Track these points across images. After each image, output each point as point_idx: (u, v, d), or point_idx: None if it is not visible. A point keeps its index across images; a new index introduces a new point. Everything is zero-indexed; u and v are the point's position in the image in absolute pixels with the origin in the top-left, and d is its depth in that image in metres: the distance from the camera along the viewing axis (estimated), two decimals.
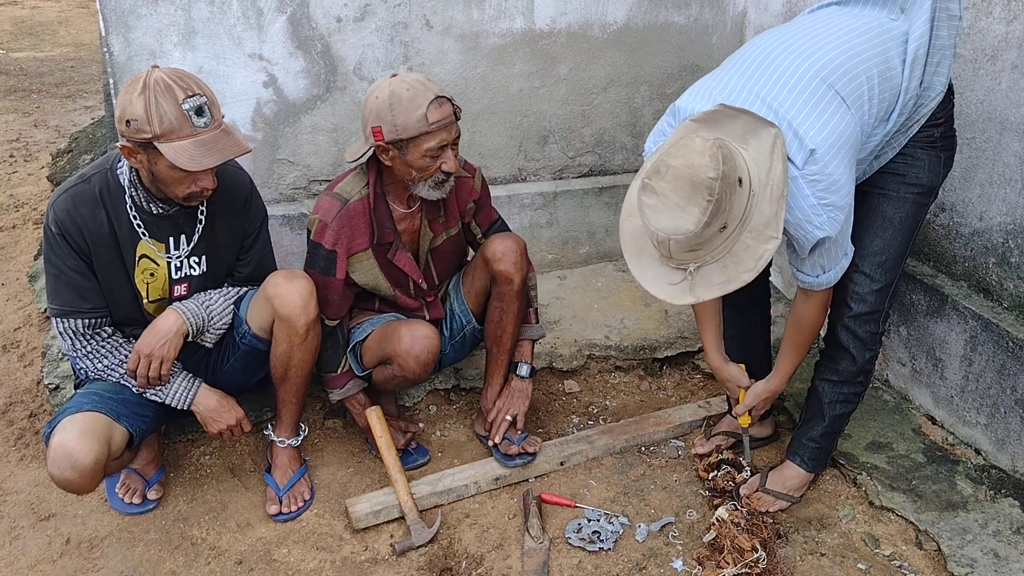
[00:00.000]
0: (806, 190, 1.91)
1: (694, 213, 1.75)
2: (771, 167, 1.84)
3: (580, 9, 3.26)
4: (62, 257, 2.17)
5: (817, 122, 1.91)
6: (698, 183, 1.74)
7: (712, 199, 1.74)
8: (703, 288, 1.89)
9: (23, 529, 2.40)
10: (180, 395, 2.32)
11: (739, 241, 1.85)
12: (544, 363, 3.08)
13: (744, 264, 1.86)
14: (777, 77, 1.96)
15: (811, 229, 1.95)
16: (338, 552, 2.36)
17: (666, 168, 1.78)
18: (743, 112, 1.89)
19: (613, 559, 2.33)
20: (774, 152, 1.85)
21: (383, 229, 2.45)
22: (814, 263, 2.08)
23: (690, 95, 2.09)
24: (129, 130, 2.00)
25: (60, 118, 6.25)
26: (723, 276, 1.87)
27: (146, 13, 2.71)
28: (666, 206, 1.78)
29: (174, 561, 2.31)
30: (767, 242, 1.84)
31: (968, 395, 2.63)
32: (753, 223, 1.84)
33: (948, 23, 2.06)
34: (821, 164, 1.89)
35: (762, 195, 1.84)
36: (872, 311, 2.27)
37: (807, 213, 1.93)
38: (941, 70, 2.08)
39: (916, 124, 2.14)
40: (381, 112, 2.22)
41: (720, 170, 1.74)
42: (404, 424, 2.73)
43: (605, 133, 3.53)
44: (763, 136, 1.87)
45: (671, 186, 1.77)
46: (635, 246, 2.00)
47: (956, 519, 2.39)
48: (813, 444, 2.46)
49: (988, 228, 2.56)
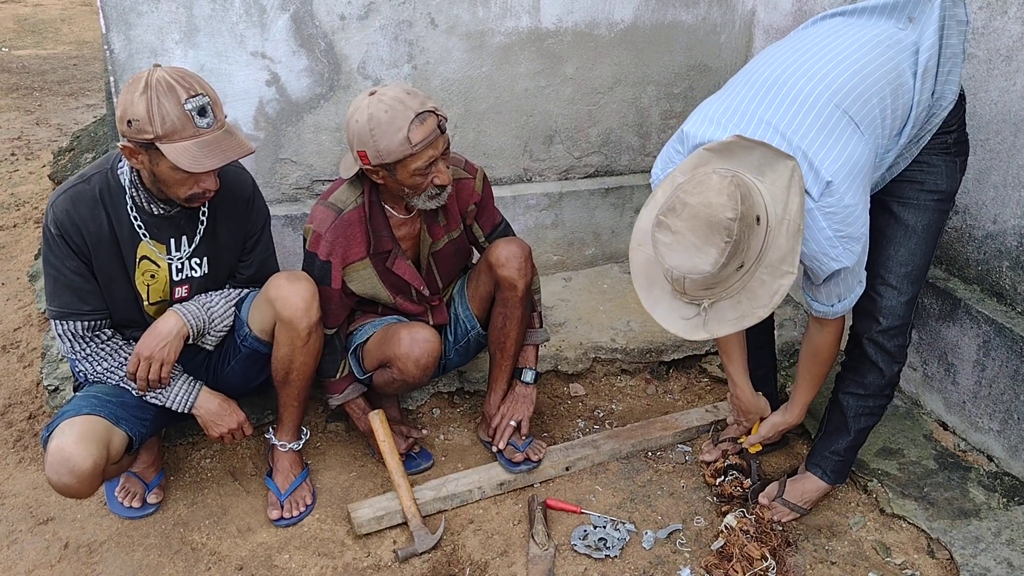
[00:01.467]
0: (822, 222, 1.88)
1: (711, 254, 1.72)
2: (788, 201, 1.80)
3: (587, 8, 3.22)
4: (61, 258, 2.14)
5: (832, 151, 1.87)
6: (716, 223, 1.70)
7: (730, 240, 1.71)
8: (716, 324, 1.87)
9: (21, 533, 2.38)
10: (181, 398, 2.29)
11: (754, 277, 1.82)
12: (549, 366, 3.05)
13: (759, 300, 1.83)
14: (789, 103, 1.92)
15: (827, 261, 1.92)
16: (340, 558, 2.33)
17: (682, 206, 1.74)
18: (760, 144, 1.84)
19: (619, 567, 2.30)
20: (791, 186, 1.80)
21: (380, 238, 2.42)
22: (829, 292, 2.05)
23: (699, 120, 2.04)
24: (130, 130, 1.97)
25: (62, 116, 6.23)
26: (737, 312, 1.85)
27: (147, 11, 2.68)
28: (682, 245, 1.75)
29: (174, 566, 2.29)
30: (782, 277, 1.81)
31: (981, 401, 2.59)
32: (769, 259, 1.81)
33: (957, 29, 2.02)
34: (837, 196, 1.86)
35: (778, 230, 1.80)
36: (902, 324, 2.22)
37: (823, 245, 1.90)
38: (952, 78, 2.05)
39: (928, 134, 2.10)
40: (363, 137, 2.17)
41: (739, 210, 1.70)
42: (406, 429, 2.70)
43: (611, 133, 3.50)
44: (780, 169, 1.82)
45: (687, 225, 1.73)
46: (646, 277, 1.96)
47: (969, 527, 2.36)
48: (837, 457, 2.42)
49: (1002, 231, 2.52)
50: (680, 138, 2.06)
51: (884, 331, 2.23)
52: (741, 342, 2.44)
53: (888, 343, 2.24)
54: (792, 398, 2.41)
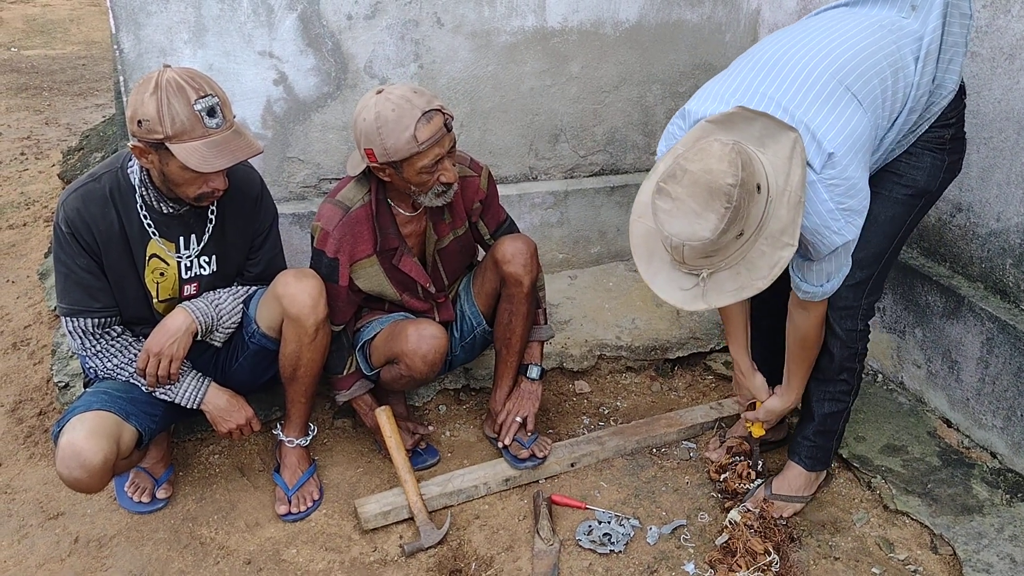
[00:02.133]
0: (824, 195, 1.87)
1: (711, 220, 1.71)
2: (790, 172, 1.80)
3: (592, 7, 3.24)
4: (72, 256, 2.16)
5: (836, 124, 1.87)
6: (716, 189, 1.70)
7: (730, 206, 1.70)
8: (715, 295, 1.85)
9: (32, 528, 2.40)
10: (189, 394, 2.31)
11: (754, 248, 1.81)
12: (555, 363, 3.07)
13: (758, 271, 1.82)
14: (792, 79, 1.92)
15: (829, 235, 1.91)
16: (347, 553, 2.35)
17: (682, 172, 1.74)
18: (762, 115, 1.84)
19: (624, 562, 2.31)
20: (793, 157, 1.80)
21: (386, 235, 2.44)
22: (821, 271, 2.04)
23: (700, 98, 2.05)
24: (141, 130, 1.99)
25: (71, 116, 6.26)
26: (736, 283, 1.84)
27: (156, 11, 2.71)
28: (682, 212, 1.74)
29: (183, 560, 2.31)
30: (783, 249, 1.80)
31: (984, 398, 2.60)
32: (769, 230, 1.80)
33: (960, 21, 2.03)
34: (840, 167, 1.86)
35: (779, 201, 1.80)
36: (847, 307, 2.23)
37: (825, 219, 1.89)
38: (953, 67, 2.05)
39: (926, 123, 2.09)
40: (370, 135, 2.19)
41: (739, 176, 1.70)
42: (413, 426, 2.72)
43: (617, 132, 3.51)
44: (782, 140, 1.82)
45: (687, 191, 1.73)
46: (646, 249, 1.96)
47: (972, 523, 2.36)
48: (808, 443, 2.44)
49: (1005, 229, 2.53)
50: (682, 115, 2.06)
51: (832, 312, 2.23)
52: (744, 319, 2.42)
53: (836, 325, 2.25)
54: (786, 383, 2.40)
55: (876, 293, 2.28)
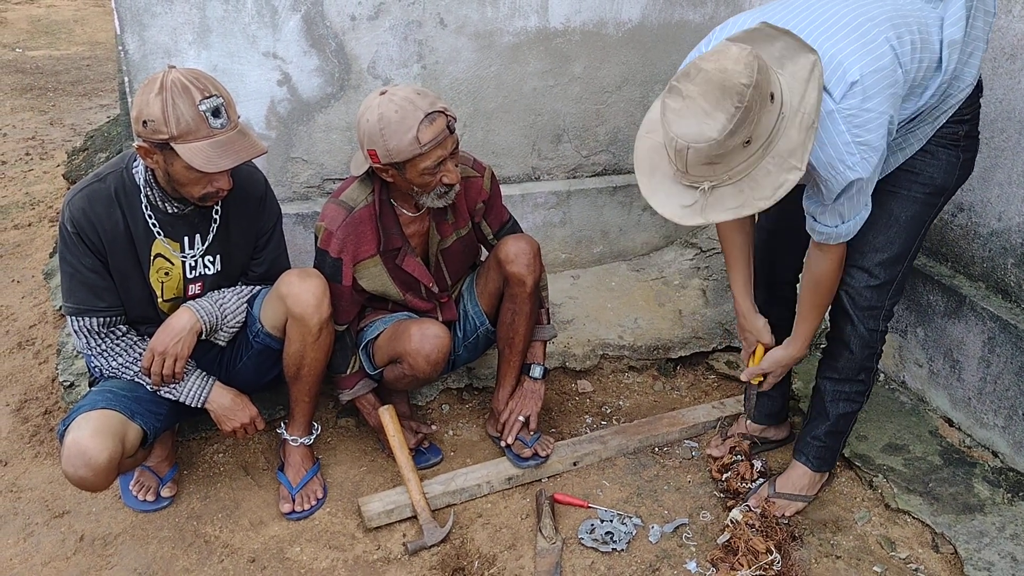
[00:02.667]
0: (841, 126, 1.83)
1: (720, 119, 1.67)
2: (805, 94, 1.76)
3: (595, 7, 3.24)
4: (77, 256, 2.18)
5: (864, 58, 1.83)
6: (728, 88, 1.66)
7: (741, 106, 1.66)
8: (715, 210, 1.80)
9: (37, 526, 2.41)
10: (194, 393, 2.33)
11: (760, 165, 1.77)
12: (557, 363, 3.08)
13: (762, 190, 1.78)
14: (826, 18, 1.89)
15: (843, 169, 1.86)
16: (351, 551, 2.36)
17: (696, 71, 1.70)
18: (784, 34, 1.80)
19: (626, 560, 2.32)
20: (811, 80, 1.76)
21: (390, 235, 2.45)
22: (835, 211, 1.98)
23: (728, 24, 2.02)
24: (146, 131, 2.01)
25: (76, 116, 6.28)
26: (738, 200, 1.79)
27: (161, 11, 2.72)
28: (691, 111, 1.70)
29: (187, 559, 2.32)
30: (789, 172, 1.76)
31: (986, 397, 2.61)
32: (778, 148, 1.76)
33: (984, 17, 2.02)
34: (860, 98, 1.82)
35: (792, 120, 1.76)
36: (870, 307, 2.23)
37: (840, 151, 1.84)
38: (973, 61, 2.03)
39: (944, 115, 2.08)
40: (373, 136, 2.20)
41: (754, 78, 1.66)
42: (416, 425, 2.73)
43: (619, 132, 3.52)
44: (801, 62, 1.78)
45: (700, 89, 1.69)
46: (649, 163, 1.91)
47: (973, 522, 2.37)
48: (818, 443, 2.44)
49: (1007, 228, 2.54)
50: (708, 39, 2.04)
51: (856, 311, 2.24)
52: (746, 259, 2.36)
53: (860, 325, 2.25)
54: (794, 331, 2.32)
55: (899, 295, 2.28)
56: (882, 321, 2.28)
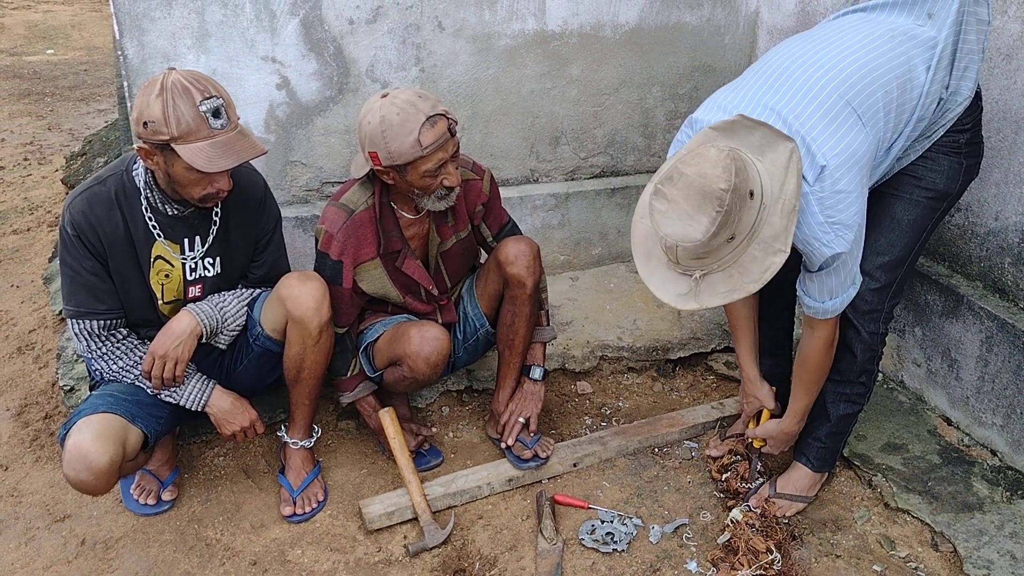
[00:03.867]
0: (815, 207, 1.92)
1: (703, 223, 1.76)
2: (785, 181, 1.85)
3: (592, 10, 3.25)
4: (78, 258, 2.18)
5: (831, 139, 1.91)
6: (708, 193, 1.75)
7: (721, 210, 1.75)
8: (708, 296, 1.90)
9: (38, 530, 2.42)
10: (194, 396, 2.33)
11: (747, 252, 1.86)
12: (556, 364, 3.08)
13: (750, 275, 1.87)
14: (794, 92, 1.96)
15: (818, 246, 1.95)
16: (352, 553, 2.36)
17: (679, 175, 1.79)
18: (762, 125, 1.89)
19: (627, 561, 2.33)
20: (789, 167, 1.85)
21: (390, 238, 2.45)
22: (822, 286, 2.07)
23: (708, 107, 2.10)
24: (146, 132, 2.01)
25: (74, 121, 6.28)
26: (728, 285, 1.89)
27: (160, 16, 2.72)
28: (676, 213, 1.79)
29: (189, 562, 2.32)
30: (775, 255, 1.85)
31: (984, 396, 2.61)
32: (762, 235, 1.85)
33: (977, 28, 2.04)
34: (831, 181, 1.90)
35: (773, 208, 1.85)
36: (871, 310, 2.25)
37: (815, 230, 1.94)
38: (969, 75, 2.06)
39: (941, 129, 2.12)
40: (374, 139, 2.21)
41: (732, 182, 1.74)
42: (416, 427, 2.73)
43: (617, 134, 3.53)
44: (780, 150, 1.87)
45: (682, 194, 1.78)
46: (645, 248, 2.02)
47: (972, 520, 2.38)
48: (819, 444, 2.46)
49: (1004, 228, 2.55)
50: (690, 123, 2.12)
51: (856, 315, 2.25)
52: (752, 327, 2.46)
53: (861, 329, 2.27)
54: (789, 408, 2.42)
55: (898, 296, 2.31)
56: (882, 324, 2.30)
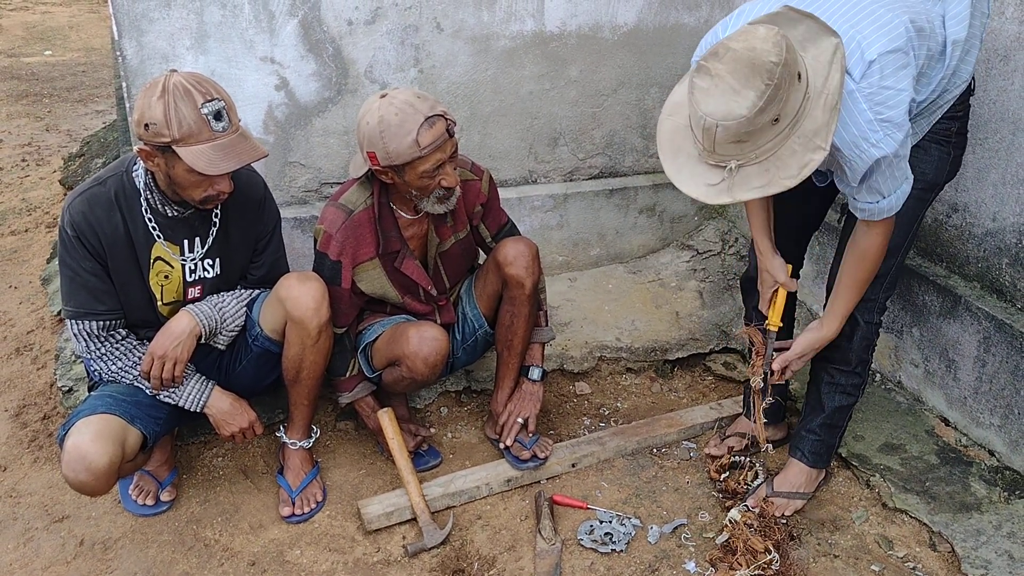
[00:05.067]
0: (863, 104, 1.85)
1: (750, 97, 1.69)
2: (828, 75, 1.79)
3: (590, 11, 3.26)
4: (77, 259, 2.18)
5: (881, 38, 1.85)
6: (758, 66, 1.68)
7: (771, 83, 1.68)
8: (741, 188, 1.82)
9: (37, 531, 2.42)
10: (193, 397, 2.33)
11: (786, 145, 1.79)
12: (555, 365, 3.09)
13: (788, 169, 1.79)
14: (842, 3, 1.92)
15: (867, 147, 1.88)
16: (350, 553, 2.37)
17: (725, 50, 1.72)
18: (807, 17, 1.83)
19: (625, 561, 2.33)
20: (833, 61, 1.79)
21: (388, 238, 2.46)
22: (870, 188, 1.99)
23: (742, 10, 2.03)
24: (147, 133, 2.01)
25: (72, 122, 6.28)
26: (764, 179, 1.81)
27: (159, 17, 2.73)
28: (720, 89, 1.71)
29: (187, 562, 2.32)
30: (814, 151, 1.78)
31: (982, 396, 2.62)
32: (804, 128, 1.78)
33: (980, 18, 2.06)
34: (879, 76, 1.84)
35: (816, 102, 1.78)
36: (867, 299, 2.25)
37: (863, 129, 1.86)
38: (969, 59, 2.07)
39: (940, 109, 2.11)
40: (373, 139, 2.22)
41: (783, 56, 1.68)
42: (414, 427, 2.74)
43: (615, 135, 3.53)
44: (823, 45, 1.81)
45: (728, 68, 1.70)
46: (671, 145, 1.92)
47: (970, 521, 2.38)
48: (813, 436, 2.46)
49: (1001, 228, 2.55)
50: (724, 24, 2.05)
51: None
52: (765, 205, 2.36)
53: (859, 316, 2.28)
54: (829, 309, 2.27)
55: (891, 289, 2.31)
56: (876, 314, 2.32)
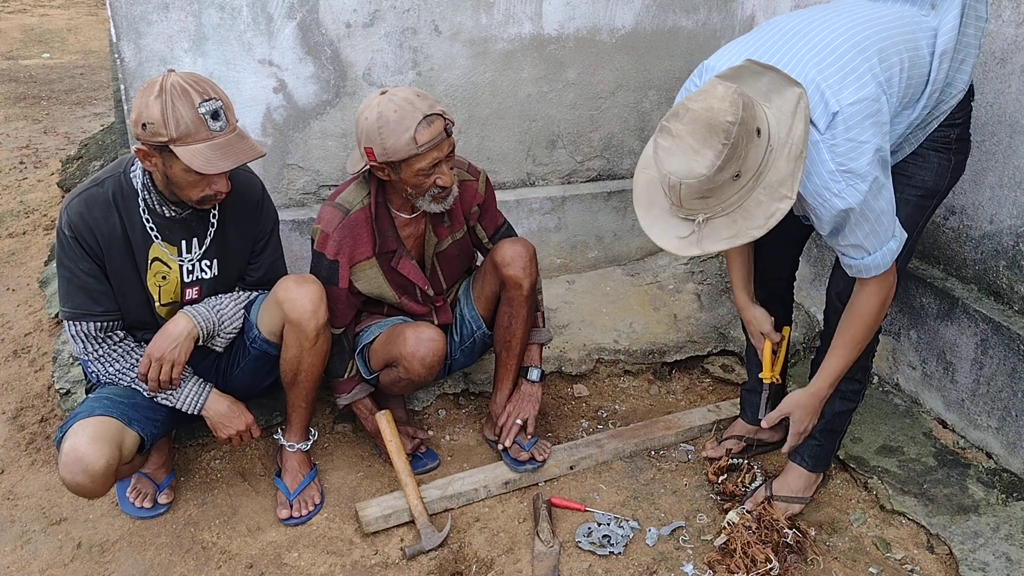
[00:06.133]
0: (825, 155, 1.87)
1: (708, 156, 1.73)
2: (792, 126, 1.81)
3: (588, 14, 3.26)
4: (75, 260, 2.18)
5: (848, 89, 1.88)
6: (715, 126, 1.72)
7: (728, 143, 1.71)
8: (710, 240, 1.85)
9: (34, 533, 2.41)
10: (190, 400, 2.33)
11: (752, 196, 1.82)
12: (553, 367, 3.08)
13: (754, 219, 1.83)
14: (812, 46, 1.94)
15: (829, 197, 1.90)
16: (348, 556, 2.36)
17: (685, 111, 1.76)
18: (770, 69, 1.86)
19: (623, 563, 2.33)
20: (797, 112, 1.82)
21: (385, 238, 2.46)
22: (853, 244, 1.99)
23: (718, 55, 2.07)
24: (145, 133, 2.02)
25: (69, 125, 6.28)
26: (732, 230, 1.84)
27: (157, 20, 2.73)
28: (681, 148, 1.76)
29: (185, 565, 2.32)
30: (780, 200, 1.81)
31: (979, 399, 2.62)
32: (768, 179, 1.81)
33: (976, 23, 2.06)
34: (843, 128, 1.86)
35: (780, 152, 1.81)
36: None
37: (825, 179, 1.88)
38: (965, 67, 2.07)
39: (936, 120, 2.12)
40: (371, 134, 2.23)
41: (739, 115, 1.71)
42: (412, 430, 2.73)
43: (613, 137, 3.54)
44: (787, 95, 1.84)
45: (688, 128, 1.75)
46: (647, 198, 1.97)
47: (968, 523, 2.38)
48: (813, 441, 2.45)
49: (999, 231, 2.56)
50: (700, 71, 2.10)
51: None
52: (744, 253, 2.40)
53: None
54: (822, 368, 2.23)
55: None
56: None
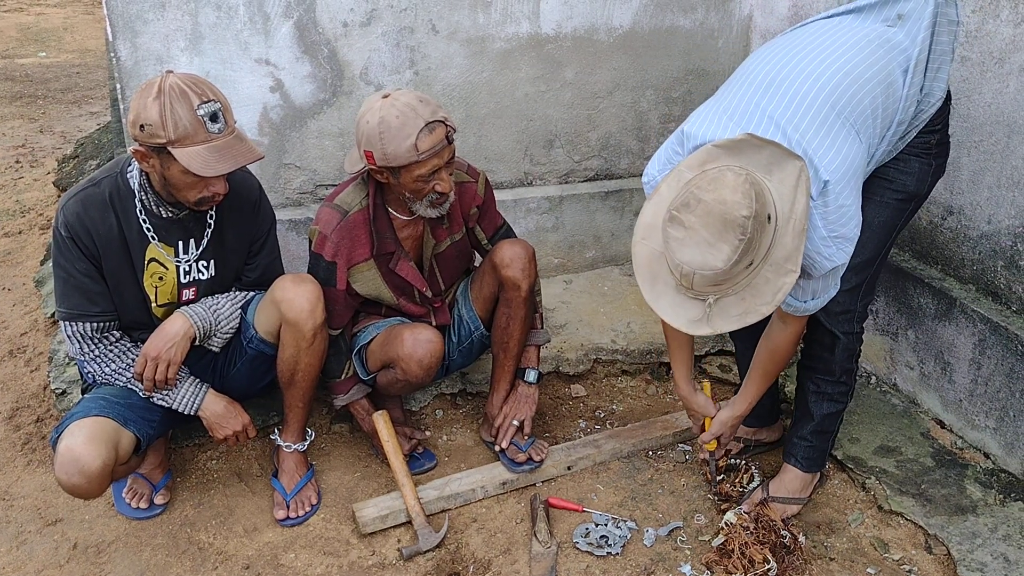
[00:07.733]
0: (818, 222, 1.89)
1: (724, 251, 1.72)
2: (795, 201, 1.81)
3: (586, 13, 3.26)
4: (71, 260, 2.17)
5: (830, 152, 1.89)
6: (730, 221, 1.71)
7: (744, 238, 1.71)
8: (721, 320, 1.85)
9: (30, 534, 2.40)
10: (187, 400, 2.32)
11: (759, 275, 1.82)
12: (551, 367, 3.08)
13: (763, 297, 1.83)
14: (788, 102, 1.93)
15: (821, 260, 1.93)
16: (345, 557, 2.36)
17: (696, 202, 1.74)
18: (770, 144, 1.84)
19: (621, 564, 2.32)
20: (798, 186, 1.81)
21: (383, 239, 2.45)
22: (807, 288, 2.04)
23: (698, 121, 2.04)
24: (143, 134, 2.01)
25: (66, 124, 6.27)
26: (741, 308, 1.84)
27: (153, 19, 2.72)
28: (695, 241, 1.74)
29: (181, 566, 2.31)
30: (786, 275, 1.81)
31: (977, 399, 2.62)
32: (774, 257, 1.81)
33: (948, 28, 2.05)
34: (833, 196, 1.88)
35: (785, 229, 1.81)
36: (843, 311, 2.26)
37: (817, 245, 1.91)
38: (941, 75, 2.08)
39: (915, 130, 2.13)
40: (371, 138, 2.21)
41: (753, 208, 1.71)
42: (410, 430, 2.73)
43: (611, 137, 3.53)
44: (788, 169, 1.83)
45: (701, 221, 1.73)
46: (650, 271, 1.94)
47: (966, 523, 2.38)
48: (805, 443, 2.46)
49: (996, 231, 2.56)
50: (679, 139, 2.05)
51: (828, 316, 2.26)
52: (688, 341, 2.44)
53: (835, 330, 2.29)
54: (741, 391, 2.39)
55: (869, 295, 2.32)
56: (856, 323, 2.32)
